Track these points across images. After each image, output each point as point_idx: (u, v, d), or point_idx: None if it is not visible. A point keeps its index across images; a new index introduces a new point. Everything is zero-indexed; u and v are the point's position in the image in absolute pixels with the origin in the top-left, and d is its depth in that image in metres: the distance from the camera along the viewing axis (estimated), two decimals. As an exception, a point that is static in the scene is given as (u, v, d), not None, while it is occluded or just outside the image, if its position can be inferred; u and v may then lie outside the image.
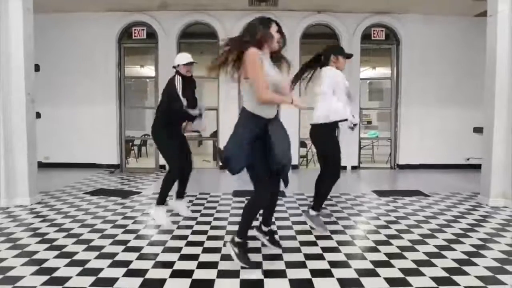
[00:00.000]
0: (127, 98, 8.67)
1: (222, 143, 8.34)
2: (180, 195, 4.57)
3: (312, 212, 4.09)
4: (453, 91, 8.33)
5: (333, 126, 3.99)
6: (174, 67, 4.38)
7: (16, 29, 5.05)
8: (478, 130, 7.53)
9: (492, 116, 5.18)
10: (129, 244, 3.60)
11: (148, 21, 8.19)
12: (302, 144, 8.85)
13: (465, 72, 8.18)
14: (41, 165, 7.61)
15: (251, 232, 3.87)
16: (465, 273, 2.99)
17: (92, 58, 8.16)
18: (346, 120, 3.94)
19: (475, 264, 3.16)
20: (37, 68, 6.76)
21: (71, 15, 8.04)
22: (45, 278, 2.83)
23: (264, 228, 3.50)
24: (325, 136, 4.01)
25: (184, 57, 4.34)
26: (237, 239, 3.06)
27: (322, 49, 4.12)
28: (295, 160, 8.05)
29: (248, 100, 2.98)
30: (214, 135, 8.81)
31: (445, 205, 5.18)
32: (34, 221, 4.29)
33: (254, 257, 3.21)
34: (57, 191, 5.89)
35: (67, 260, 3.17)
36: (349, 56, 4.17)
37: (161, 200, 4.22)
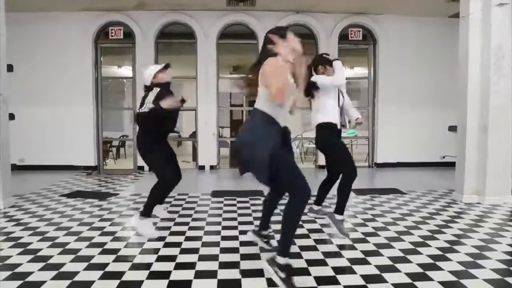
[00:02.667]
0: (105, 98, 8.56)
1: (200, 144, 8.36)
2: (160, 201, 4.44)
3: (338, 217, 3.90)
4: (429, 90, 8.50)
5: (332, 128, 3.98)
6: (150, 85, 4.08)
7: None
8: (452, 128, 7.69)
9: (465, 115, 5.30)
10: (105, 247, 3.55)
11: (125, 21, 8.11)
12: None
13: (440, 71, 8.35)
14: (16, 168, 7.51)
15: (243, 238, 3.89)
16: (439, 269, 3.05)
17: (68, 58, 8.03)
18: (343, 126, 4.09)
19: (449, 260, 3.23)
20: (10, 68, 6.59)
21: (46, 14, 7.89)
22: (18, 283, 2.77)
23: (264, 232, 3.42)
24: (326, 137, 4.01)
25: (154, 67, 4.15)
26: (282, 260, 2.67)
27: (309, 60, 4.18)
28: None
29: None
30: (193, 135, 8.77)
31: (421, 203, 5.28)
32: (7, 225, 4.19)
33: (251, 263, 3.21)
34: (32, 194, 5.78)
35: (42, 264, 3.11)
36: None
37: (148, 212, 3.90)
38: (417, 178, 7.31)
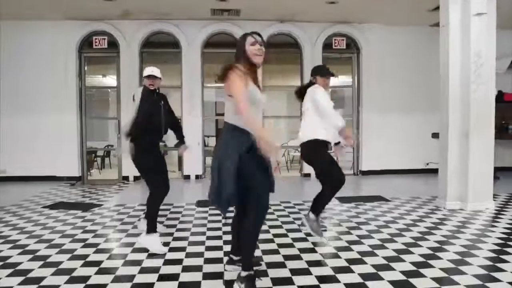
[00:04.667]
0: (89, 108, 8.48)
1: (186, 153, 8.30)
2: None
3: (312, 216, 4.01)
4: (412, 98, 8.61)
5: (321, 142, 3.94)
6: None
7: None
8: (435, 135, 7.78)
9: (447, 122, 5.39)
10: (88, 259, 3.50)
11: (110, 30, 8.07)
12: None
13: (423, 79, 8.47)
14: (-3, 179, 7.37)
15: (228, 248, 3.86)
16: (422, 276, 3.07)
17: (52, 68, 7.95)
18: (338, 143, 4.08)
19: (431, 266, 3.26)
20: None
21: (30, 23, 7.81)
22: (-4, 297, 2.73)
23: (235, 258, 3.12)
24: (313, 152, 4.00)
25: (147, 70, 4.11)
26: (244, 273, 2.76)
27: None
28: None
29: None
30: (178, 144, 8.71)
31: (405, 210, 5.33)
32: (-13, 238, 4.12)
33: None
34: (13, 205, 5.67)
35: (22, 278, 3.05)
36: (327, 74, 4.14)
37: (152, 227, 3.75)
38: (401, 185, 7.38)
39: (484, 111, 5.27)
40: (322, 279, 3.04)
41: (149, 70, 4.08)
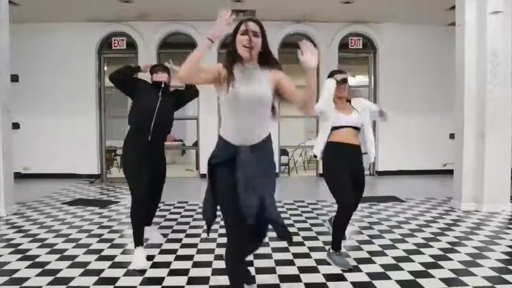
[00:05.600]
0: (108, 107, 8.67)
1: (202, 152, 8.42)
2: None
3: (331, 250, 3.46)
4: (429, 98, 8.51)
5: (333, 149, 3.47)
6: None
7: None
8: (453, 136, 7.68)
9: (462, 123, 5.34)
10: (102, 253, 3.61)
11: (128, 31, 8.23)
12: (283, 152, 8.95)
13: (441, 79, 8.36)
14: (20, 176, 7.61)
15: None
16: (431, 276, 3.08)
17: (72, 68, 8.15)
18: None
19: (441, 267, 3.25)
20: (15, 78, 6.76)
21: (50, 25, 8.03)
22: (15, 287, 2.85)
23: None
24: (325, 159, 3.55)
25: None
26: None
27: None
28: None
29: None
30: (196, 144, 8.84)
31: (419, 210, 5.30)
32: (8, 232, 4.28)
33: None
34: (34, 201, 5.86)
35: (39, 270, 3.19)
36: (338, 79, 3.56)
37: (135, 240, 3.40)
38: (417, 186, 7.32)
39: (501, 110, 5.19)
40: (330, 277, 3.07)
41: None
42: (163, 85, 3.69)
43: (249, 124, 2.26)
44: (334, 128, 3.49)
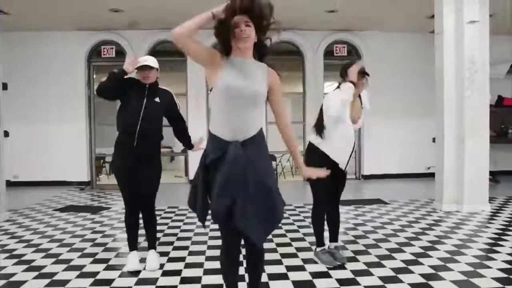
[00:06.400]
0: (98, 115, 8.75)
1: (191, 159, 8.54)
2: (148, 244, 3.59)
3: (317, 249, 3.57)
4: (412, 103, 8.76)
5: (319, 152, 3.41)
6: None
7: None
8: (436, 140, 7.94)
9: (442, 126, 5.57)
10: (97, 257, 3.73)
11: (117, 40, 8.35)
12: (271, 157, 9.07)
13: (423, 84, 8.59)
14: (10, 184, 7.60)
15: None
16: (411, 272, 3.26)
17: (61, 76, 8.22)
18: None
19: (421, 264, 3.44)
20: (4, 86, 6.80)
21: (40, 33, 8.10)
22: (13, 290, 2.96)
23: None
24: (308, 154, 3.52)
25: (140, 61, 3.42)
26: None
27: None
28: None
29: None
30: (185, 150, 8.95)
31: (402, 212, 5.50)
32: (2, 238, 4.36)
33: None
34: (26, 208, 5.93)
35: (35, 273, 3.29)
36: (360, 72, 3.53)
37: (129, 244, 3.48)
38: (401, 189, 7.54)
39: (479, 116, 5.44)
40: (316, 275, 3.24)
41: (142, 61, 3.38)
42: (147, 86, 3.38)
43: (241, 120, 2.19)
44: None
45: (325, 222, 3.64)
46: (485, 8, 5.43)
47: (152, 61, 3.40)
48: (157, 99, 3.42)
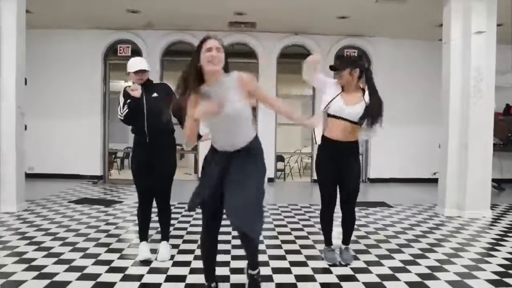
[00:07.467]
0: (112, 112, 8.99)
1: (201, 157, 8.73)
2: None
3: (325, 247, 3.74)
4: (420, 109, 8.88)
5: (326, 145, 3.58)
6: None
7: (9, 46, 5.43)
8: (442, 146, 8.05)
9: (447, 133, 5.71)
10: (111, 246, 3.95)
11: (133, 39, 8.60)
12: (280, 158, 9.30)
13: (430, 91, 8.70)
14: (26, 176, 7.88)
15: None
16: (408, 271, 3.42)
17: (78, 73, 8.49)
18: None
19: (418, 264, 3.60)
20: (24, 81, 7.05)
21: (59, 31, 8.37)
22: (34, 273, 3.19)
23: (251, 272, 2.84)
24: (317, 152, 3.72)
25: (134, 64, 3.64)
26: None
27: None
28: (271, 173, 8.42)
29: None
30: (195, 148, 9.17)
31: (405, 215, 5.65)
32: (22, 226, 4.61)
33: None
34: (42, 199, 6.18)
35: (55, 259, 3.52)
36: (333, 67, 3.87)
37: (139, 235, 3.76)
38: (406, 193, 7.68)
39: (483, 123, 5.57)
40: (318, 270, 3.42)
41: (137, 64, 3.63)
42: (142, 85, 3.63)
43: (225, 137, 2.56)
44: (332, 116, 3.48)
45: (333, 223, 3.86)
46: (493, 19, 5.55)
47: (145, 65, 3.67)
48: (154, 94, 3.63)
